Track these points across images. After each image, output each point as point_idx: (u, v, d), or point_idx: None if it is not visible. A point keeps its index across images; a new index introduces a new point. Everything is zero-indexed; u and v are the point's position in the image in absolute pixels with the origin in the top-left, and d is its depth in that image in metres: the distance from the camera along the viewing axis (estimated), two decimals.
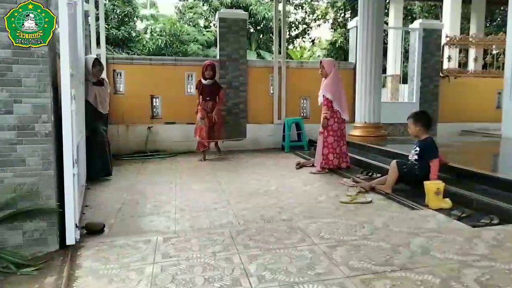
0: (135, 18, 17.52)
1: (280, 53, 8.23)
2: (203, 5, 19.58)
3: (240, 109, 8.00)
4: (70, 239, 2.69)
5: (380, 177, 4.70)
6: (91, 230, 3.11)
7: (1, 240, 2.56)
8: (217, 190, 4.56)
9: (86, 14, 6.38)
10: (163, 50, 16.58)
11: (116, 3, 16.35)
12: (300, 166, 5.95)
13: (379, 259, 2.50)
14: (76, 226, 2.77)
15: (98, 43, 7.33)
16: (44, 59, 2.60)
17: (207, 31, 18.99)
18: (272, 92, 8.25)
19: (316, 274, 2.30)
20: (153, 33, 18.40)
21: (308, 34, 22.26)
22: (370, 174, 5.11)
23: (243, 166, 6.20)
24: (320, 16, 21.46)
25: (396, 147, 5.90)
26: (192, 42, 17.48)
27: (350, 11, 19.04)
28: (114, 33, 15.79)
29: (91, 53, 6.74)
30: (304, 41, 22.56)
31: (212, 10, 18.62)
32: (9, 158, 2.56)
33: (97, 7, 7.43)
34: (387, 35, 11.66)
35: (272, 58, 8.70)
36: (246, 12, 8.77)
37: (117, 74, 7.47)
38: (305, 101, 8.54)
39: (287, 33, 19.52)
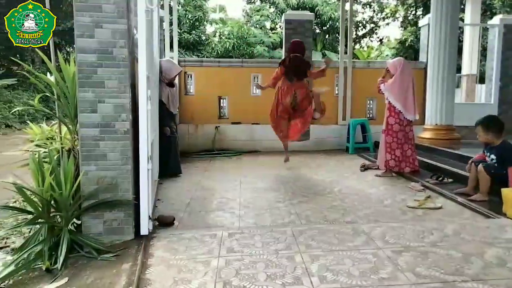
0: (205, 22, 18.22)
1: (346, 53, 8.09)
2: (269, 7, 19.81)
3: None
4: (144, 230, 2.92)
5: (452, 181, 4.46)
6: (162, 222, 3.32)
7: (85, 227, 2.85)
8: (280, 190, 4.61)
9: (161, 20, 6.80)
10: (231, 53, 17.05)
11: (188, 8, 17.15)
12: (365, 168, 5.80)
13: (448, 268, 2.39)
14: (149, 218, 2.98)
15: (171, 47, 7.78)
16: (125, 62, 2.82)
17: (273, 33, 19.20)
18: (337, 92, 8.13)
19: (379, 279, 2.26)
20: (221, 36, 19.01)
21: (376, 33, 21.57)
22: (440, 178, 4.82)
23: (307, 166, 6.17)
24: (389, 15, 20.66)
25: (469, 151, 5.47)
26: (258, 44, 17.77)
27: (422, 8, 18.11)
28: (185, 37, 16.58)
29: (165, 57, 7.15)
30: (371, 41, 21.89)
31: (278, 12, 18.78)
32: (93, 153, 2.83)
33: (170, 13, 7.88)
34: (462, 32, 10.89)
35: (338, 59, 8.55)
36: (312, 13, 8.72)
37: (188, 76, 7.83)
38: (371, 101, 8.29)
39: (354, 32, 19.05)
